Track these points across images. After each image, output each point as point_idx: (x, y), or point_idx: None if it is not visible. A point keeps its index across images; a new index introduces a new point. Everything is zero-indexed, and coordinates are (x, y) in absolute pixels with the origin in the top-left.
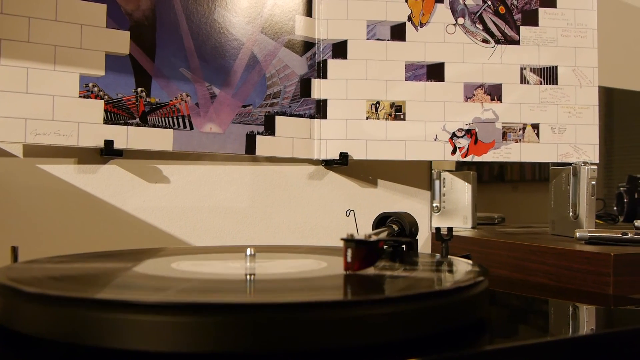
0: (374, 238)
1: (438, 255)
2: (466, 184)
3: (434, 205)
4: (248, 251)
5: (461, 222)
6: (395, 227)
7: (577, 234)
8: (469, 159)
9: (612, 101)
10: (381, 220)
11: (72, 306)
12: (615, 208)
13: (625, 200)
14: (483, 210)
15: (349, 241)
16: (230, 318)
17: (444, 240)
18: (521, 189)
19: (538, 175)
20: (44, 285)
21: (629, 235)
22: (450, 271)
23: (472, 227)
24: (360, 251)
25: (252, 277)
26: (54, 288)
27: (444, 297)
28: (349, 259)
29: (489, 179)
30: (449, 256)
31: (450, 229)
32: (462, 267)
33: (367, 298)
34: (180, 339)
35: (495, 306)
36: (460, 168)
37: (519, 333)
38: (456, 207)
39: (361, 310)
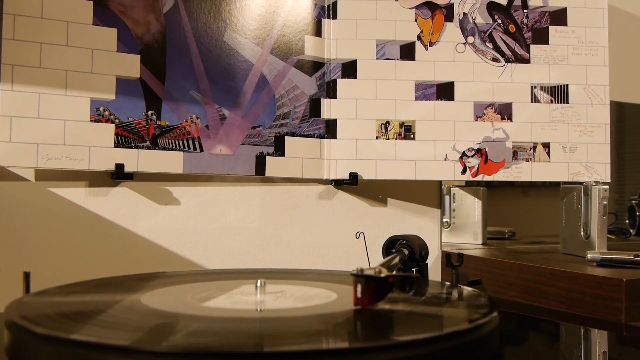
0: (384, 273)
1: (448, 284)
2: (476, 199)
3: (444, 220)
4: (258, 282)
5: (471, 238)
6: (406, 251)
7: (589, 255)
8: (479, 178)
9: (623, 115)
10: (391, 244)
11: (83, 349)
12: (627, 221)
13: (637, 213)
14: (494, 220)
15: (359, 277)
16: None
17: (454, 266)
18: (531, 194)
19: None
20: (53, 325)
21: None
22: (460, 306)
23: (482, 244)
24: (370, 287)
25: (261, 310)
26: (64, 329)
27: (454, 340)
28: (358, 295)
29: (499, 184)
30: (459, 285)
31: (460, 255)
32: (472, 300)
33: (374, 345)
34: None
35: (506, 334)
36: (471, 183)
37: None
38: (466, 222)
39: (368, 357)
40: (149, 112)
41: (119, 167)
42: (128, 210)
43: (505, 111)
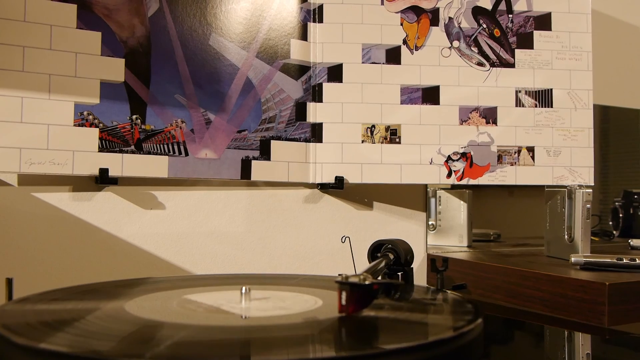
0: (368, 281)
1: (433, 289)
2: (462, 202)
3: (430, 223)
4: (243, 289)
5: (457, 241)
6: (391, 256)
7: (573, 258)
8: (464, 182)
9: (608, 117)
10: (376, 248)
11: None
12: (610, 223)
13: (621, 215)
14: (479, 221)
15: (344, 284)
16: None
17: (439, 271)
18: (517, 194)
19: None
20: (35, 335)
21: (624, 261)
22: (445, 312)
23: (467, 246)
24: (355, 294)
25: (246, 317)
26: (45, 339)
27: (438, 348)
28: (343, 302)
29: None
30: (444, 290)
31: (445, 260)
32: (457, 306)
33: (359, 354)
34: None
35: (491, 338)
36: (456, 186)
37: None
38: (452, 225)
39: None
40: (134, 116)
41: (103, 171)
42: (112, 215)
43: (490, 115)
